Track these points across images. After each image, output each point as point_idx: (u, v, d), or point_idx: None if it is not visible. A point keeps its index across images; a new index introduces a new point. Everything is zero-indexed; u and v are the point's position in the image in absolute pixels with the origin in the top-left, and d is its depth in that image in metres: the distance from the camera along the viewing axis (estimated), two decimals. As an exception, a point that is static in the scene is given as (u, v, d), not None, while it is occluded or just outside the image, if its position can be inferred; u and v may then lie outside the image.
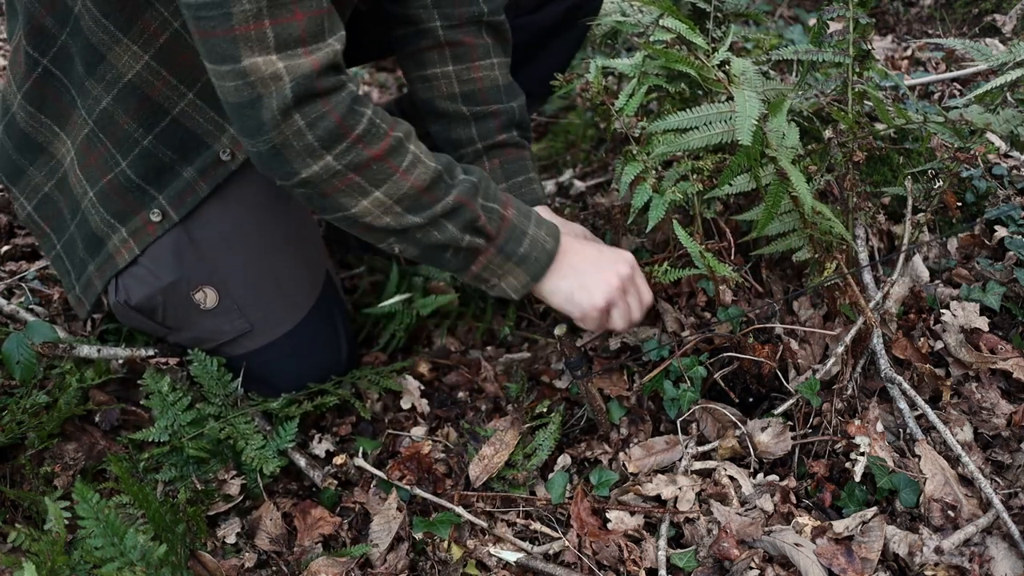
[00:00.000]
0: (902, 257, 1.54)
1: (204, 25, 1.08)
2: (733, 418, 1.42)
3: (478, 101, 1.56)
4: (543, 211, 1.55)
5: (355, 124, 1.15)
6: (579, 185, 2.25)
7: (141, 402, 1.48)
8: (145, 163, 1.38)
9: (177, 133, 1.37)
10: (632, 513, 1.33)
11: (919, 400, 1.38)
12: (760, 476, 1.37)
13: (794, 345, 1.48)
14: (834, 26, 1.49)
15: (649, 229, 1.38)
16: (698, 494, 1.34)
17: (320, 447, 1.55)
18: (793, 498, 1.33)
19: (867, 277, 1.50)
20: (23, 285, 1.83)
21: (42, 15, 1.35)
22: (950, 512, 1.26)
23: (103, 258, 1.44)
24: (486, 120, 1.56)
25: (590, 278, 1.36)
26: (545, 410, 1.55)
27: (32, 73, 1.40)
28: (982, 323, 1.48)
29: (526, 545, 1.31)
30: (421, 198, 1.23)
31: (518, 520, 1.36)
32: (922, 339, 1.48)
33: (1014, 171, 1.77)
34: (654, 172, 1.40)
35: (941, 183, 1.53)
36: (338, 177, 1.17)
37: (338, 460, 1.47)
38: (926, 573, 1.19)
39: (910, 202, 1.55)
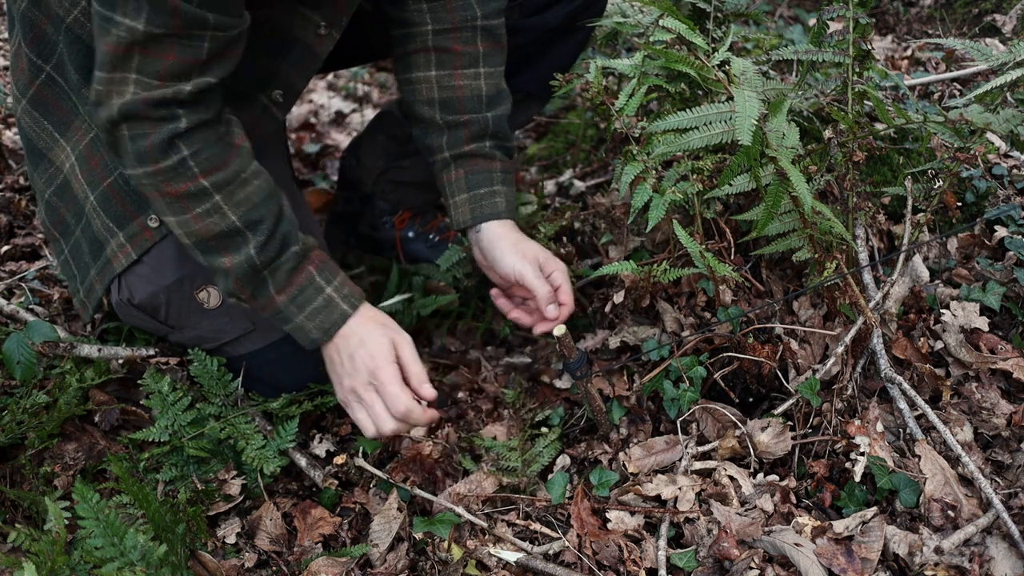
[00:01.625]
0: (902, 257, 1.54)
1: (97, 30, 1.17)
2: (733, 418, 1.42)
3: (454, 110, 1.56)
4: (500, 228, 1.53)
5: (162, 158, 1.22)
6: (579, 185, 2.25)
7: (141, 402, 1.48)
8: None
9: None
10: (632, 513, 1.33)
11: (919, 400, 1.38)
12: (760, 476, 1.37)
13: (794, 345, 1.48)
14: (834, 26, 1.49)
15: (649, 229, 1.38)
16: (698, 494, 1.33)
17: (320, 447, 1.55)
18: (793, 498, 1.33)
19: (867, 277, 1.50)
20: (23, 285, 1.83)
21: (43, 22, 1.36)
22: (950, 512, 1.26)
23: (103, 262, 1.45)
24: (457, 129, 1.55)
25: (341, 382, 1.38)
26: (545, 417, 1.55)
27: (36, 79, 1.42)
28: (982, 323, 1.47)
29: (526, 545, 1.31)
30: (207, 243, 1.29)
31: (518, 520, 1.36)
32: (922, 339, 1.48)
33: (1014, 171, 1.77)
34: (654, 172, 1.40)
35: (941, 183, 1.53)
36: (146, 190, 1.27)
37: (338, 460, 1.47)
38: (926, 573, 1.19)
39: (910, 202, 1.55)
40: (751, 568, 1.21)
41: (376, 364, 1.32)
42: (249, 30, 1.25)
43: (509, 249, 1.50)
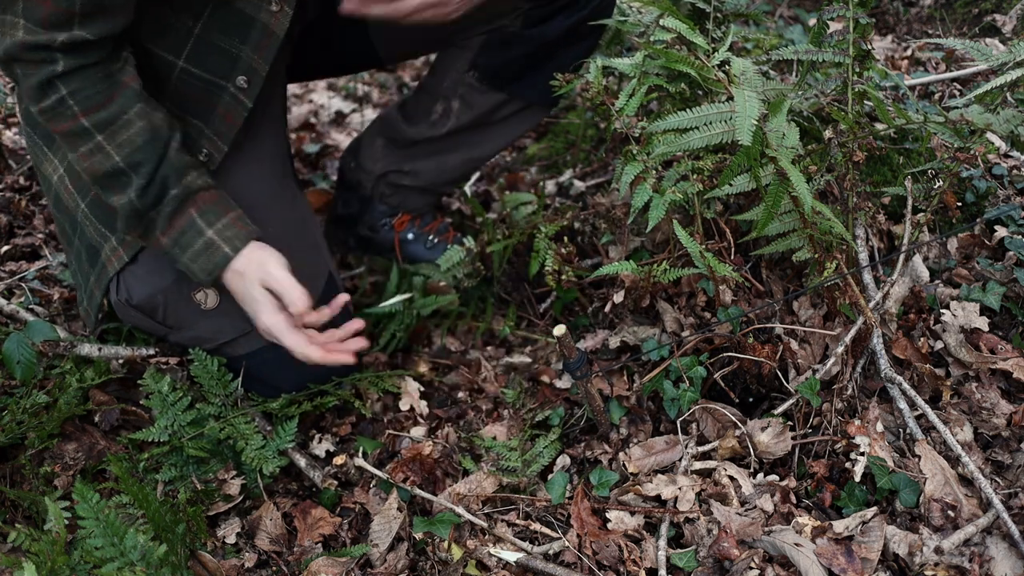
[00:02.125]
0: (902, 257, 1.54)
1: None
2: (733, 418, 1.42)
3: None
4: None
5: (42, 98, 1.27)
6: (579, 185, 2.25)
7: (141, 402, 1.48)
8: None
9: None
10: (632, 513, 1.33)
11: (919, 400, 1.38)
12: (760, 476, 1.37)
13: (794, 345, 1.48)
14: (834, 26, 1.49)
15: (649, 229, 1.38)
16: (698, 494, 1.33)
17: (320, 447, 1.55)
18: (793, 498, 1.33)
19: (867, 277, 1.50)
20: (23, 285, 1.83)
21: None
22: (950, 512, 1.25)
23: (99, 268, 1.47)
24: None
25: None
26: (545, 417, 1.55)
27: None
28: (982, 323, 1.47)
29: (526, 545, 1.31)
30: (100, 180, 1.33)
31: (518, 520, 1.36)
32: (922, 339, 1.48)
33: (1014, 171, 1.77)
34: (654, 172, 1.40)
35: (941, 183, 1.53)
36: (43, 125, 1.32)
37: (338, 460, 1.47)
38: (926, 573, 1.18)
39: (910, 202, 1.55)
40: (751, 568, 1.21)
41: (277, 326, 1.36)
42: (201, 14, 1.29)
43: None
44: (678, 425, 1.44)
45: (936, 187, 1.55)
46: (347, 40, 1.71)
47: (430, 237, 2.00)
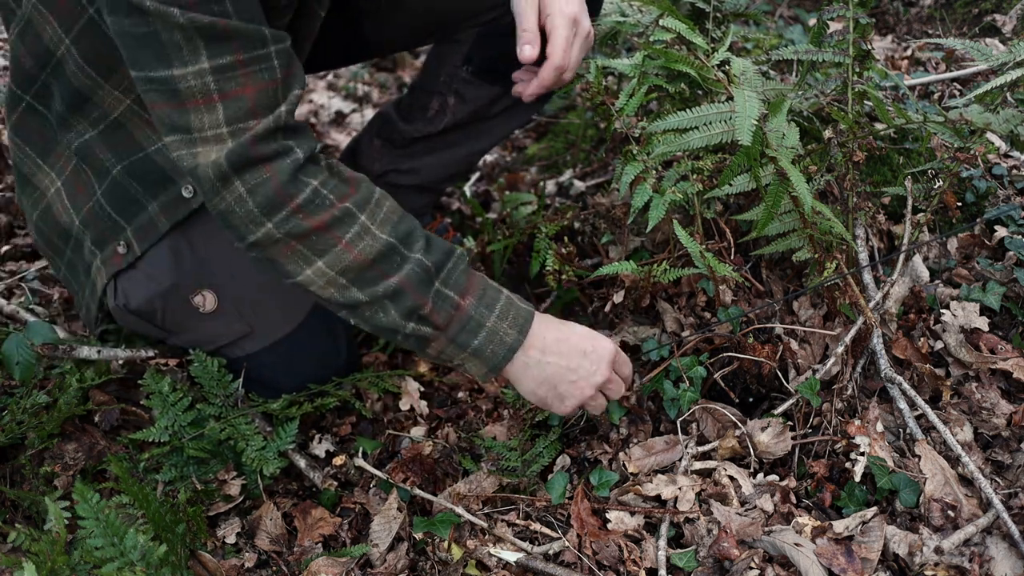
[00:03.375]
0: (902, 257, 1.54)
1: (152, 98, 1.10)
2: (733, 418, 1.42)
3: None
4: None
5: (296, 193, 1.14)
6: (579, 185, 2.25)
7: (142, 402, 1.49)
8: (116, 194, 1.39)
9: (146, 167, 1.38)
10: (632, 513, 1.33)
11: (919, 400, 1.38)
12: (760, 476, 1.37)
13: (794, 345, 1.48)
14: (834, 26, 1.49)
15: (649, 229, 1.38)
16: (698, 494, 1.33)
17: (320, 447, 1.55)
18: (793, 498, 1.33)
19: (867, 277, 1.50)
20: (23, 285, 1.84)
21: (23, 55, 1.37)
22: (950, 512, 1.26)
23: (91, 282, 1.47)
24: None
25: (562, 387, 1.29)
26: (545, 418, 1.55)
27: (17, 107, 1.44)
28: (982, 323, 1.47)
29: (526, 545, 1.31)
30: (367, 272, 1.18)
31: (518, 520, 1.36)
32: (922, 339, 1.48)
33: (1014, 171, 1.77)
34: (654, 172, 1.40)
35: (941, 183, 1.53)
36: (280, 244, 1.16)
37: (337, 461, 1.47)
38: (926, 573, 1.19)
39: (910, 202, 1.55)
40: (751, 568, 1.21)
41: (612, 347, 1.30)
42: None
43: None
44: (678, 425, 1.44)
45: (936, 187, 1.55)
46: (340, 34, 1.71)
47: (430, 237, 2.00)
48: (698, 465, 1.39)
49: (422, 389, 1.69)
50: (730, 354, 1.47)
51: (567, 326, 1.32)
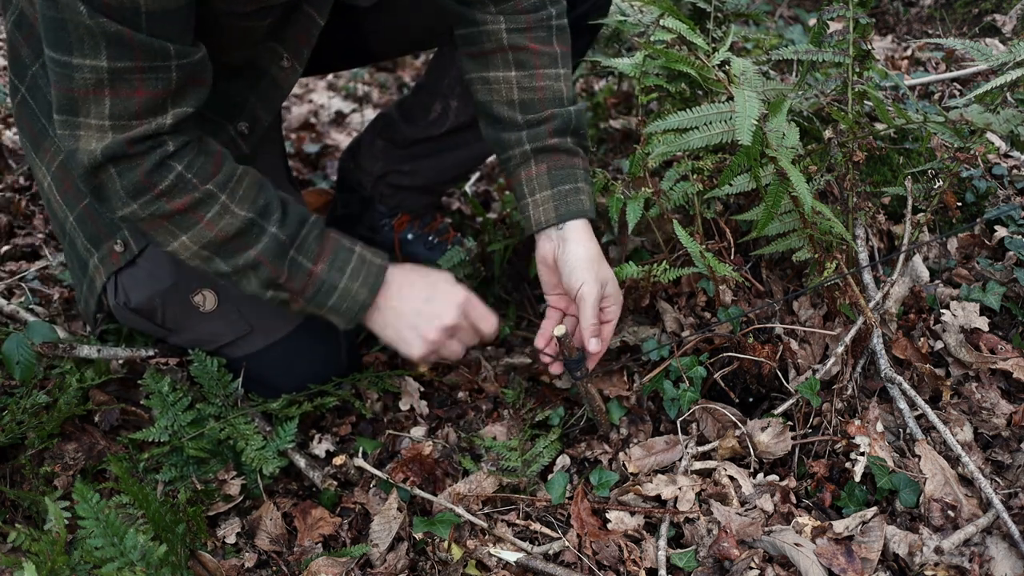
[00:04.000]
0: (902, 257, 1.54)
1: (51, 77, 1.14)
2: (733, 418, 1.42)
3: (535, 109, 1.48)
4: (581, 233, 1.43)
5: (160, 180, 1.20)
6: (579, 185, 2.24)
7: (141, 402, 1.48)
8: None
9: None
10: (632, 513, 1.33)
11: (919, 400, 1.38)
12: (760, 476, 1.37)
13: (794, 345, 1.48)
14: (834, 26, 1.49)
15: (631, 231, 1.38)
16: (698, 494, 1.33)
17: (320, 447, 1.55)
18: (793, 498, 1.33)
19: (867, 277, 1.50)
20: (23, 285, 1.84)
21: (20, 43, 1.37)
22: (950, 512, 1.25)
23: (88, 279, 1.47)
24: (540, 124, 1.48)
25: (408, 331, 1.37)
26: (545, 417, 1.55)
27: (15, 97, 1.44)
28: (982, 323, 1.48)
29: (526, 545, 1.31)
30: (226, 245, 1.27)
31: (518, 520, 1.36)
32: (922, 339, 1.48)
33: (1014, 171, 1.77)
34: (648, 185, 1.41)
35: (941, 183, 1.53)
36: (145, 221, 1.24)
37: (337, 461, 1.47)
38: (926, 573, 1.18)
39: (910, 202, 1.55)
40: (751, 568, 1.21)
41: (463, 294, 1.36)
42: (218, 58, 1.24)
43: (586, 263, 1.40)
44: (678, 425, 1.44)
45: (936, 187, 1.55)
46: (341, 38, 1.71)
47: (430, 237, 2.00)
48: (698, 465, 1.39)
49: (422, 389, 1.69)
50: (730, 354, 1.47)
51: (419, 272, 1.40)
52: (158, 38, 1.11)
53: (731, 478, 1.35)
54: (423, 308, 1.36)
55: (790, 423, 1.42)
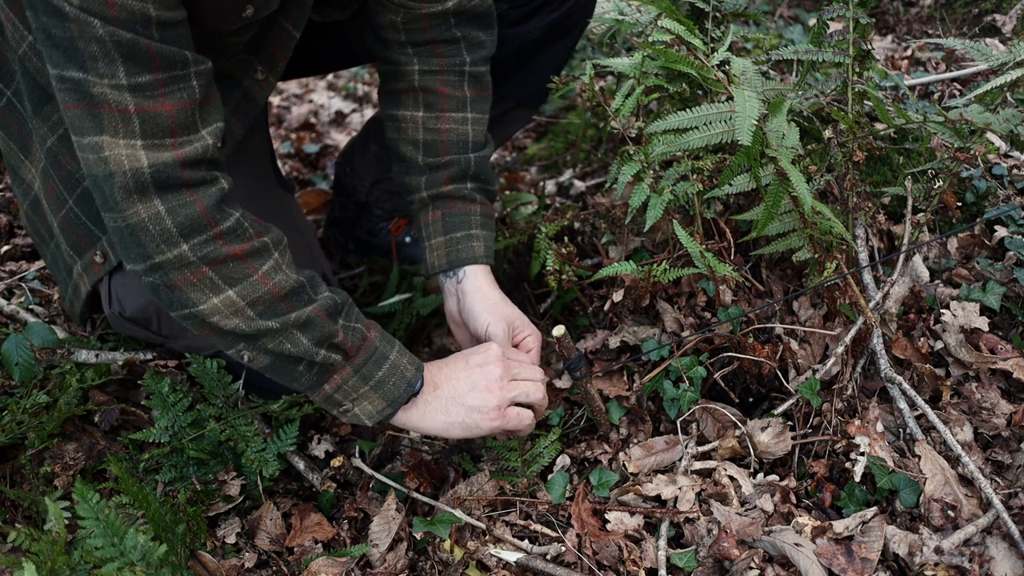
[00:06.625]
0: (902, 257, 1.54)
1: (64, 97, 1.06)
2: (733, 418, 1.42)
3: (436, 152, 1.51)
4: (480, 281, 1.47)
5: (221, 219, 1.14)
6: (579, 185, 2.25)
7: (142, 402, 1.49)
8: (87, 203, 1.38)
9: None
10: (632, 513, 1.33)
11: (919, 400, 1.38)
12: (760, 476, 1.37)
13: (794, 345, 1.48)
14: (834, 26, 1.49)
15: (647, 229, 1.38)
16: (698, 494, 1.33)
17: (319, 448, 1.55)
18: (793, 498, 1.33)
19: (867, 277, 1.50)
20: (23, 285, 1.83)
21: (5, 47, 1.36)
22: (950, 512, 1.26)
23: (73, 283, 1.47)
24: (438, 170, 1.51)
25: (471, 397, 1.31)
26: (545, 418, 1.55)
27: (1, 101, 1.43)
28: (982, 323, 1.47)
29: (526, 545, 1.31)
30: (277, 304, 1.19)
31: (518, 520, 1.36)
32: (922, 339, 1.48)
33: (1014, 171, 1.77)
34: (651, 172, 1.40)
35: (941, 183, 1.53)
36: (191, 268, 1.13)
37: (335, 463, 1.47)
38: (926, 573, 1.19)
39: (910, 202, 1.55)
40: (751, 568, 1.21)
41: (498, 352, 1.33)
42: None
43: (485, 307, 1.46)
44: (678, 425, 1.44)
45: (936, 187, 1.55)
46: (332, 43, 1.71)
47: (428, 240, 2.00)
48: (698, 465, 1.39)
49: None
50: (730, 354, 1.47)
51: (447, 359, 1.37)
52: (170, 45, 1.07)
53: (731, 478, 1.35)
54: (471, 374, 1.32)
55: (790, 423, 1.42)
